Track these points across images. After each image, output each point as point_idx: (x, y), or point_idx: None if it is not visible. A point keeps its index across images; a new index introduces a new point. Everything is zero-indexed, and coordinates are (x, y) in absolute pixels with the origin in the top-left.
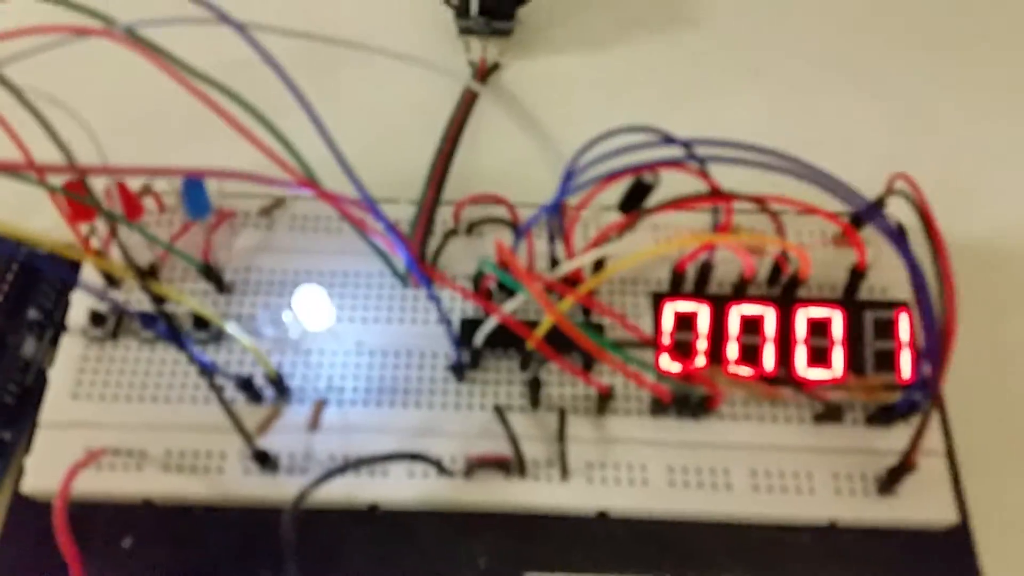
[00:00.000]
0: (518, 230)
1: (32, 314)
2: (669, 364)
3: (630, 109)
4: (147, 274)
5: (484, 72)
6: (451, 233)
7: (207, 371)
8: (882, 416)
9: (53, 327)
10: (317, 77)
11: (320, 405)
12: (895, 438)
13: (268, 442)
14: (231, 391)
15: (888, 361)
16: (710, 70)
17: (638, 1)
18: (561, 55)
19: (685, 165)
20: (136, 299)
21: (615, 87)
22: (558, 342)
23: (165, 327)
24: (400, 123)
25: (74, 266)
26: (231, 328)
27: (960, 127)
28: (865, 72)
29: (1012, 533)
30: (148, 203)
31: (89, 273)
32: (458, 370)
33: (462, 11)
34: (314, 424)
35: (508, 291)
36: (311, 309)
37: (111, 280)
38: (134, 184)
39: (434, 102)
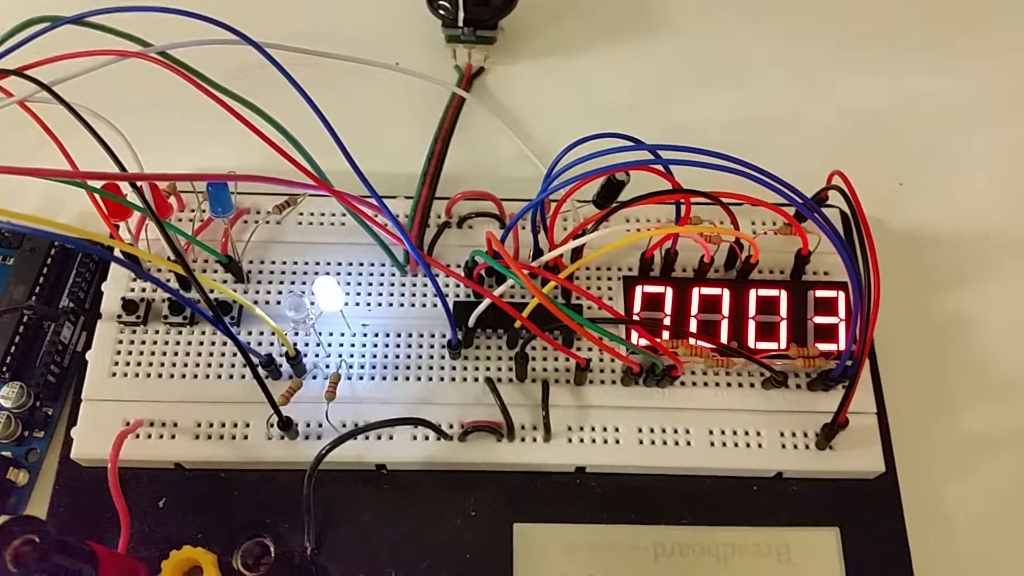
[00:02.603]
0: (507, 224)
1: (65, 302)
2: (638, 339)
3: (602, 110)
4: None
5: (470, 77)
6: (444, 226)
7: (244, 349)
8: (821, 381)
9: (84, 314)
10: (318, 85)
11: (337, 378)
12: (832, 400)
13: (288, 411)
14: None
15: (827, 334)
16: (674, 76)
17: (610, 13)
18: (540, 60)
19: (651, 167)
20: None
21: (589, 90)
22: (542, 321)
23: (209, 313)
24: (392, 126)
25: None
26: (259, 311)
27: (898, 129)
28: (815, 77)
29: (930, 481)
30: (171, 202)
31: (121, 263)
32: (453, 347)
33: (449, 22)
34: (331, 395)
35: (497, 277)
36: (326, 295)
37: (140, 271)
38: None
39: (423, 106)
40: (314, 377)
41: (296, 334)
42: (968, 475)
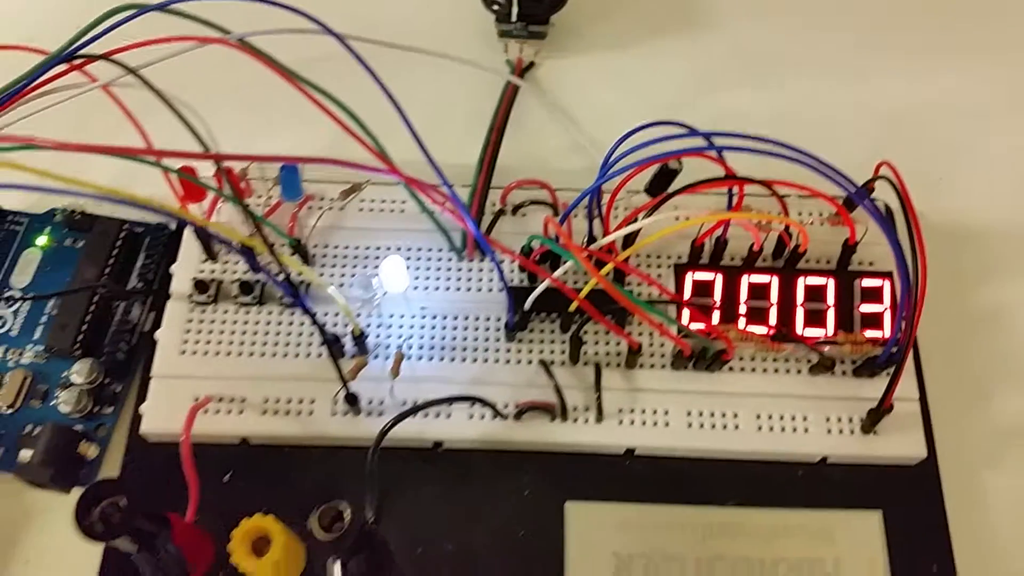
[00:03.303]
0: (566, 209)
1: (135, 283)
2: (691, 322)
3: (649, 104)
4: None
5: (521, 71)
6: (499, 213)
7: (321, 327)
8: (866, 368)
9: (152, 295)
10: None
11: (401, 356)
12: (877, 386)
13: (353, 387)
14: (316, 346)
15: (872, 322)
16: (718, 71)
17: (657, 9)
18: (589, 56)
19: (706, 154)
20: (230, 269)
21: (636, 85)
22: (596, 305)
23: (292, 291)
24: (444, 118)
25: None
26: (332, 291)
27: (937, 124)
28: (856, 72)
29: (969, 467)
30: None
31: (190, 244)
32: (510, 329)
33: (503, 16)
34: (396, 371)
35: (551, 264)
36: (393, 275)
37: (209, 252)
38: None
39: (474, 99)
40: (375, 356)
41: (358, 315)
42: (1006, 463)
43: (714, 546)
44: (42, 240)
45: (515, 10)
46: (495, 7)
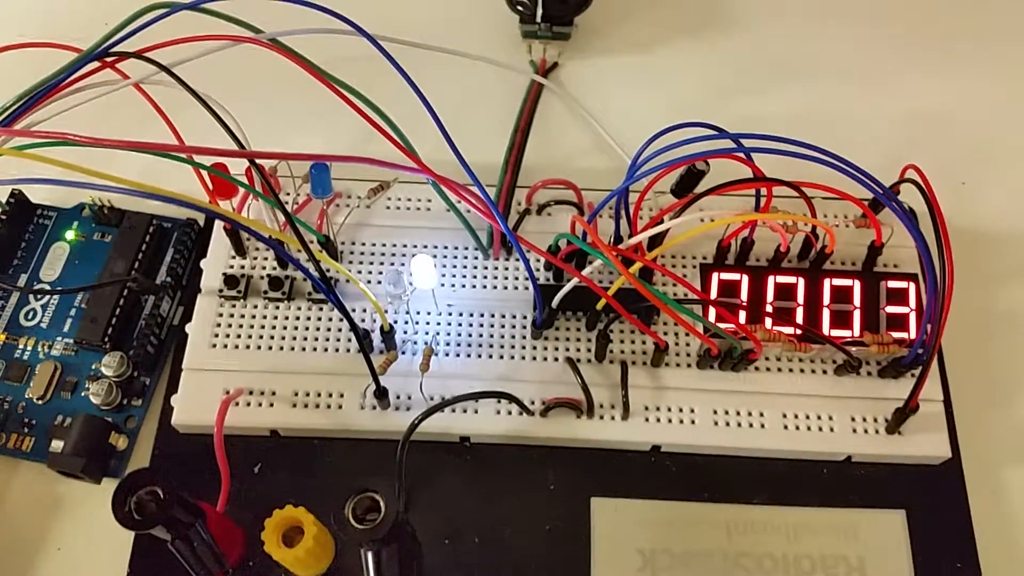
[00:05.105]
0: (594, 209)
1: (164, 277)
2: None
3: (671, 106)
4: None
5: (544, 71)
6: (525, 213)
7: (353, 321)
8: (892, 368)
9: (181, 289)
10: (397, 75)
11: (430, 351)
12: (902, 387)
13: (382, 381)
14: (344, 341)
15: (897, 323)
16: (741, 73)
17: (680, 11)
18: (612, 57)
19: (735, 156)
20: (259, 264)
21: (659, 86)
22: (624, 302)
23: (325, 287)
24: (469, 117)
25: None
26: (363, 286)
27: (961, 127)
28: (880, 74)
29: (994, 467)
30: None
31: (219, 240)
32: (538, 326)
33: (527, 17)
34: (426, 367)
35: (577, 263)
36: (423, 272)
37: (238, 248)
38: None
39: (498, 99)
40: (403, 352)
41: (385, 311)
42: None
43: (739, 543)
44: (71, 234)
45: (540, 11)
46: (519, 8)
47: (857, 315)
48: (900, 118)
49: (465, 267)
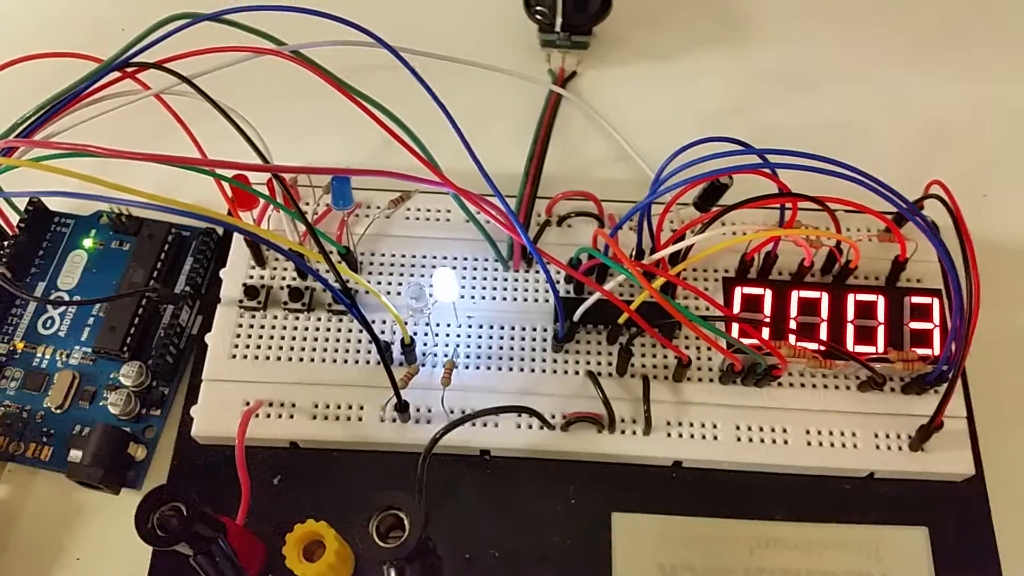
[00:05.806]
0: (616, 224)
1: (183, 287)
2: (739, 337)
3: (690, 116)
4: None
5: (563, 80)
6: (545, 224)
7: (375, 334)
8: (916, 385)
9: (201, 299)
10: (415, 86)
11: (451, 365)
12: (925, 404)
13: (403, 395)
14: (364, 353)
15: (921, 339)
16: (759, 84)
17: (699, 22)
18: (630, 66)
19: (760, 171)
20: (279, 275)
21: (677, 96)
22: (646, 317)
23: (347, 300)
24: (487, 128)
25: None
26: (384, 299)
27: (981, 140)
28: (899, 86)
29: (1018, 484)
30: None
31: (239, 250)
32: (559, 340)
33: (546, 26)
34: (447, 380)
35: (598, 276)
36: (445, 285)
37: (258, 259)
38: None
39: (516, 110)
40: (422, 365)
41: (405, 323)
42: None
43: (760, 559)
44: (88, 242)
45: (559, 20)
46: (538, 17)
47: (881, 331)
48: (920, 128)
49: (485, 279)
